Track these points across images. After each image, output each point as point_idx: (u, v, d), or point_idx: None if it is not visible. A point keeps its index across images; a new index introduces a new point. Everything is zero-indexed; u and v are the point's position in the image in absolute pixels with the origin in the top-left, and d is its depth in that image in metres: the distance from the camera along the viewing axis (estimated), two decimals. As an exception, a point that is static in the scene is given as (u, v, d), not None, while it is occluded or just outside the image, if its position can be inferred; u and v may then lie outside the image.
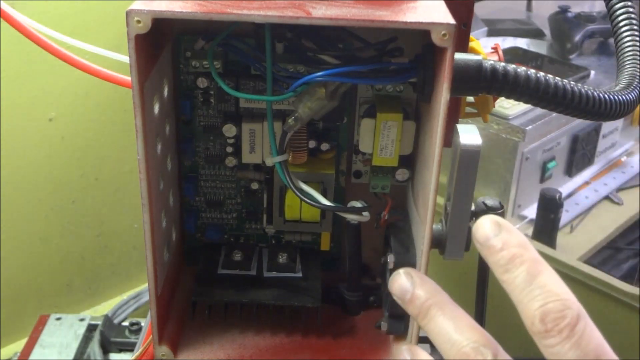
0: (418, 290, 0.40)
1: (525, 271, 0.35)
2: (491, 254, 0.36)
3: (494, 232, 0.37)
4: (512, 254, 0.36)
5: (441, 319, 0.38)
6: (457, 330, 0.37)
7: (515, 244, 0.36)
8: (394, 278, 0.42)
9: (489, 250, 0.37)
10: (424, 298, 0.40)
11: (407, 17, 0.42)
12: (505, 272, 0.36)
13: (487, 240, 0.37)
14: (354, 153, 0.57)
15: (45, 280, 1.00)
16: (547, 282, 0.34)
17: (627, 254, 1.14)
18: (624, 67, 0.53)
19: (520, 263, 0.35)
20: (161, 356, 0.52)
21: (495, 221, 0.37)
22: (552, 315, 0.33)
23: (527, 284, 0.34)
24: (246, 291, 0.56)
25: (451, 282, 1.11)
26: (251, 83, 0.54)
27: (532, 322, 0.34)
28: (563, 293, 0.34)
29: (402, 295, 0.41)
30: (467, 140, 0.45)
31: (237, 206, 0.60)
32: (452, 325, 0.37)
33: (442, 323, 0.38)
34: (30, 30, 0.57)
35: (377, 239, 0.59)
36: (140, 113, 0.44)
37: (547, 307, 0.33)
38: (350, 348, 0.56)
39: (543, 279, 0.34)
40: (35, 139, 0.91)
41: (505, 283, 0.36)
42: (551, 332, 0.33)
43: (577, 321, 0.33)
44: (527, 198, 1.07)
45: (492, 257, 0.36)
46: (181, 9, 0.42)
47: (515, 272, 0.35)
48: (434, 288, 0.40)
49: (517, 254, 0.35)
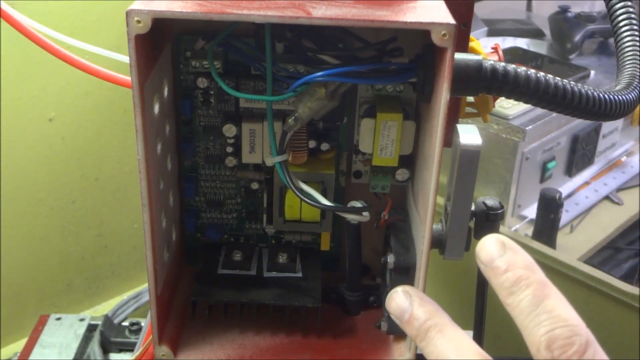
0: (417, 310, 0.39)
1: (531, 294, 0.33)
2: (495, 275, 0.35)
3: (498, 252, 0.35)
4: (517, 276, 0.34)
5: (441, 342, 0.36)
6: (458, 353, 0.35)
7: (521, 265, 0.34)
8: (391, 297, 0.40)
9: (493, 272, 0.35)
10: (423, 319, 0.38)
11: (407, 17, 0.42)
12: (509, 295, 0.34)
13: (491, 261, 0.35)
14: (354, 153, 0.57)
15: (45, 280, 1.00)
16: (555, 307, 0.32)
17: (627, 254, 1.14)
18: (624, 67, 0.53)
19: (526, 286, 0.33)
20: (161, 356, 0.52)
21: (500, 241, 0.36)
22: (560, 342, 0.31)
23: (532, 308, 0.33)
24: (246, 291, 0.56)
25: (451, 282, 1.11)
26: (251, 83, 0.54)
27: (537, 349, 0.32)
28: (571, 318, 0.32)
29: (400, 315, 0.39)
30: (467, 140, 0.45)
31: (237, 206, 0.60)
32: (453, 348, 0.35)
33: (441, 346, 0.36)
34: (30, 30, 0.57)
35: (377, 239, 0.59)
36: (140, 113, 0.44)
37: (554, 334, 0.32)
38: (350, 348, 0.56)
39: (550, 303, 0.33)
40: (35, 139, 0.91)
41: (510, 307, 0.34)
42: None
43: (586, 348, 0.31)
44: (527, 198, 1.07)
45: (496, 279, 0.35)
46: (181, 9, 0.42)
47: (521, 295, 0.33)
48: (433, 309, 0.39)
49: (523, 276, 0.34)
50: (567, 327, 0.32)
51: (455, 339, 0.36)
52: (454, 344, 0.36)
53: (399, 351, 0.53)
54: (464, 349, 0.35)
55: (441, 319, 0.38)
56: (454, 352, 0.35)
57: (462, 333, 0.37)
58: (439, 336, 0.36)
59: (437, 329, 0.37)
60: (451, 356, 0.35)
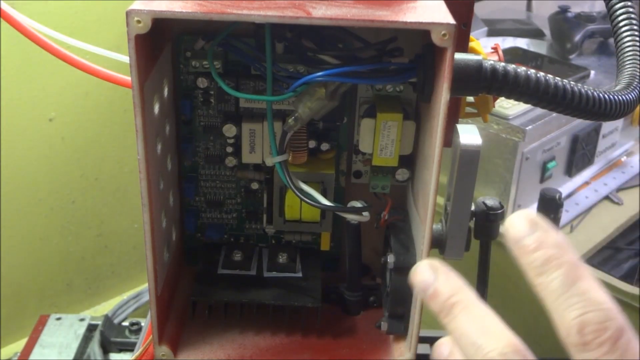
0: (441, 285, 0.36)
1: (563, 275, 0.31)
2: (524, 254, 0.32)
3: (528, 230, 0.33)
4: (548, 255, 0.32)
5: (465, 319, 0.34)
6: (483, 333, 0.33)
7: (552, 244, 0.32)
8: (416, 270, 0.37)
9: (521, 251, 0.33)
10: (447, 294, 0.35)
11: (407, 17, 0.42)
12: (539, 275, 0.32)
13: (520, 239, 0.33)
14: (354, 153, 0.57)
15: (45, 280, 1.00)
16: (588, 289, 0.30)
17: (627, 254, 1.14)
18: (624, 67, 0.53)
19: (557, 266, 0.31)
20: (161, 356, 0.52)
21: (530, 218, 0.33)
22: (592, 326, 0.29)
23: (564, 290, 0.31)
24: (246, 291, 0.56)
25: (451, 282, 1.11)
26: (251, 83, 0.54)
27: (567, 332, 0.30)
28: (605, 302, 0.30)
29: (424, 289, 0.36)
30: (467, 140, 0.45)
31: (237, 206, 0.60)
32: (478, 326, 0.33)
33: (466, 323, 0.34)
34: (30, 30, 0.57)
35: (377, 239, 0.59)
36: (140, 113, 0.44)
37: (586, 317, 0.30)
38: (350, 348, 0.56)
39: (583, 285, 0.31)
40: (35, 139, 0.91)
41: (539, 287, 0.32)
42: (590, 346, 0.29)
43: (621, 334, 0.29)
44: (527, 198, 1.07)
45: (525, 258, 0.32)
46: (181, 9, 0.42)
47: (551, 275, 0.31)
48: (459, 285, 0.36)
49: (554, 256, 0.32)
50: (600, 311, 0.30)
51: (481, 317, 0.34)
52: (478, 323, 0.33)
53: (399, 351, 0.53)
54: (489, 329, 0.33)
55: (467, 296, 0.35)
56: (480, 331, 0.33)
57: (488, 311, 0.34)
58: (463, 313, 0.34)
59: (462, 306, 0.34)
60: (476, 335, 0.33)
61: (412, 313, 0.51)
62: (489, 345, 0.32)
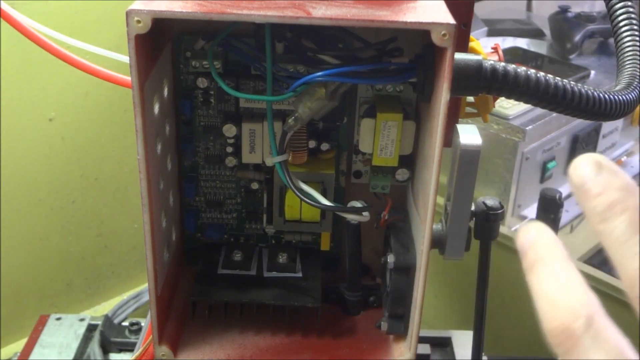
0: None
1: (628, 221, 0.27)
2: (587, 199, 0.29)
3: (593, 173, 0.29)
4: (612, 199, 0.28)
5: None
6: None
7: (618, 186, 0.28)
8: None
9: (585, 195, 0.29)
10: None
11: (407, 17, 0.42)
12: (602, 221, 0.28)
13: (584, 182, 0.29)
14: (354, 153, 0.57)
15: (45, 280, 1.00)
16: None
17: (627, 254, 1.14)
18: (624, 67, 0.53)
19: (621, 210, 0.28)
20: (161, 356, 0.52)
21: (596, 160, 0.29)
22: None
23: (628, 237, 0.27)
24: (246, 291, 0.56)
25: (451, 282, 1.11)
26: (251, 83, 0.54)
27: (632, 284, 0.27)
28: None
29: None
30: (467, 140, 0.45)
31: (237, 206, 0.60)
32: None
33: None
34: (30, 30, 0.57)
35: (377, 239, 0.59)
36: (140, 113, 0.44)
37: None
38: (350, 348, 0.56)
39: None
40: (35, 139, 0.91)
41: (602, 235, 0.28)
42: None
43: None
44: (527, 198, 1.07)
45: (588, 202, 0.29)
46: (181, 9, 0.42)
47: (615, 221, 0.28)
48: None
49: (619, 200, 0.28)
50: None
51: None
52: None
53: (399, 351, 0.53)
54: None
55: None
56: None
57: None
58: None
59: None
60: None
61: (412, 313, 0.51)
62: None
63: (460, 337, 0.69)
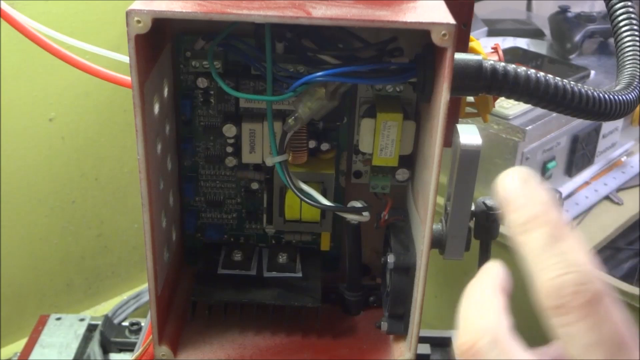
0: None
1: (546, 234, 0.29)
2: (510, 211, 0.31)
3: (518, 186, 0.31)
4: (533, 212, 0.30)
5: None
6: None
7: (540, 201, 0.30)
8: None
9: (508, 207, 0.31)
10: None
11: (407, 17, 0.42)
12: (522, 232, 0.30)
13: (509, 194, 0.31)
14: (354, 153, 0.57)
15: (45, 280, 1.00)
16: (569, 250, 0.28)
17: (627, 254, 1.14)
18: (624, 67, 0.53)
19: (541, 224, 0.29)
20: (161, 356, 0.52)
21: (521, 174, 0.31)
22: (570, 288, 0.27)
23: (544, 249, 0.29)
24: (246, 291, 0.56)
25: (451, 282, 1.11)
26: (251, 83, 0.54)
27: (544, 294, 0.28)
28: (585, 264, 0.28)
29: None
30: (467, 140, 0.45)
31: (237, 206, 0.60)
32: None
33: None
34: (30, 30, 0.57)
35: (377, 239, 0.59)
36: (140, 113, 0.44)
37: (564, 279, 0.27)
38: (350, 348, 0.56)
39: (565, 245, 0.29)
40: (35, 139, 0.91)
41: (521, 246, 0.30)
42: (563, 309, 0.27)
43: (598, 299, 0.27)
44: (527, 198, 1.07)
45: (511, 214, 0.30)
46: (181, 9, 0.42)
47: (534, 233, 0.29)
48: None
49: (540, 213, 0.30)
50: (580, 272, 0.28)
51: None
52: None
53: (399, 351, 0.53)
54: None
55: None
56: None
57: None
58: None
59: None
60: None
61: (412, 313, 0.51)
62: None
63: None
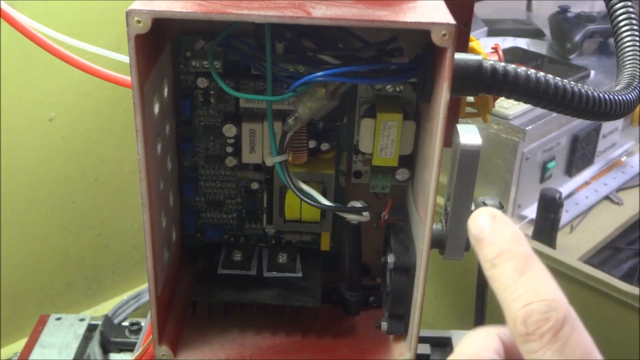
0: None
1: (513, 267, 0.31)
2: (481, 247, 0.33)
3: (488, 224, 0.34)
4: (501, 247, 0.32)
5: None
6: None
7: (507, 237, 0.33)
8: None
9: (480, 244, 0.33)
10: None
11: (407, 17, 0.42)
12: (492, 267, 0.32)
13: (480, 232, 0.34)
14: (354, 153, 0.57)
15: (45, 280, 1.00)
16: (534, 280, 0.31)
17: (627, 254, 1.14)
18: (624, 67, 0.53)
19: (508, 258, 0.32)
20: (161, 356, 0.52)
21: (490, 213, 0.34)
22: (535, 317, 0.30)
23: (512, 281, 0.31)
24: (246, 291, 0.56)
25: (451, 282, 1.11)
26: (251, 83, 0.54)
27: (513, 323, 0.30)
28: (550, 293, 0.30)
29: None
30: (467, 140, 0.45)
31: (237, 206, 0.60)
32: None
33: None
34: (30, 30, 0.57)
35: (377, 239, 0.59)
36: (140, 113, 0.44)
37: (530, 308, 0.30)
38: (350, 348, 0.56)
39: (531, 276, 0.31)
40: (35, 139, 0.91)
41: (492, 279, 0.32)
42: (532, 336, 0.30)
43: (562, 325, 0.30)
44: (527, 198, 1.07)
45: (482, 250, 0.33)
46: (181, 9, 0.42)
47: (503, 267, 0.32)
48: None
49: (506, 249, 0.32)
50: (544, 301, 0.30)
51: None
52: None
53: (399, 351, 0.53)
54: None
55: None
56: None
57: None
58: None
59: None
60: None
61: (412, 313, 0.51)
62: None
63: (460, 337, 0.69)
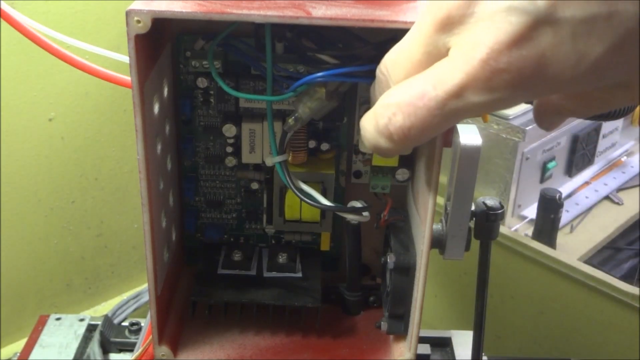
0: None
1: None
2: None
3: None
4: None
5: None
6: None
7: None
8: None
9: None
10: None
11: (407, 17, 0.42)
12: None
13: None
14: (354, 153, 0.57)
15: (45, 280, 1.00)
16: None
17: (627, 254, 1.14)
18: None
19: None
20: (161, 356, 0.52)
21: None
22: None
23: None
24: (246, 291, 0.56)
25: (451, 282, 1.11)
26: (251, 83, 0.54)
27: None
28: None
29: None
30: (467, 140, 0.45)
31: (237, 206, 0.60)
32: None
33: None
34: (30, 30, 0.57)
35: (377, 239, 0.59)
36: (140, 113, 0.44)
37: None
38: (350, 348, 0.56)
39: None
40: (35, 139, 0.91)
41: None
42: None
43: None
44: (527, 198, 1.07)
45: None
46: (181, 9, 0.42)
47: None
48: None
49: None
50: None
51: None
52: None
53: (399, 351, 0.53)
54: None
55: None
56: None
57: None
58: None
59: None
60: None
61: (412, 313, 0.51)
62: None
63: (460, 337, 0.69)
